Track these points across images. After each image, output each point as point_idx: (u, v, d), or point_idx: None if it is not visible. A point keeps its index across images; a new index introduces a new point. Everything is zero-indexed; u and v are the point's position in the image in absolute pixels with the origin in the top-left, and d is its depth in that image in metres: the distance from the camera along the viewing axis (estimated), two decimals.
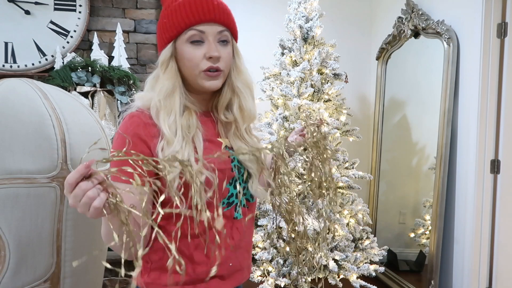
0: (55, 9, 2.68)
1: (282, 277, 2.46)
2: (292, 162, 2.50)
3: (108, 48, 2.81)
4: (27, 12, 2.63)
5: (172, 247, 0.74)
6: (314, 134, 1.16)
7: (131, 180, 0.75)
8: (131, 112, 1.03)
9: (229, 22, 1.08)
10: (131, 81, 2.68)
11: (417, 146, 2.91)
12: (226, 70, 1.05)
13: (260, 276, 2.53)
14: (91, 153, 1.75)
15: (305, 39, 2.61)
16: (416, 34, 2.72)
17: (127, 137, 0.96)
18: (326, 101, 2.63)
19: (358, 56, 3.35)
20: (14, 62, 2.65)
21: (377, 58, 3.10)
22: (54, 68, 2.61)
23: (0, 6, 2.60)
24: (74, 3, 2.70)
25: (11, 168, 1.56)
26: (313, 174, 1.18)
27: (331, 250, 2.49)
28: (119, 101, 2.70)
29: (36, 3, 2.64)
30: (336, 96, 2.66)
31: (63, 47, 2.70)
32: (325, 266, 2.44)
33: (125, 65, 2.72)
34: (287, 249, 2.59)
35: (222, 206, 1.01)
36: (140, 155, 0.77)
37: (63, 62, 2.62)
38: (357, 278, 2.47)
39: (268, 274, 2.49)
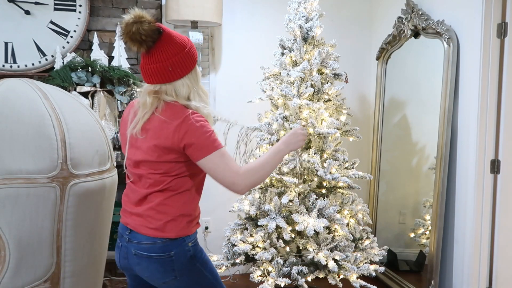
0: (55, 9, 2.68)
1: (282, 277, 2.45)
2: (291, 163, 2.50)
3: (108, 48, 2.81)
4: (27, 12, 2.63)
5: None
6: None
7: None
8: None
9: None
10: (131, 81, 2.68)
11: (417, 146, 2.91)
12: None
13: (260, 276, 2.53)
14: (90, 153, 1.75)
15: (305, 39, 2.61)
16: (416, 34, 2.72)
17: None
18: (326, 101, 2.63)
19: (358, 56, 3.35)
20: (14, 62, 2.65)
21: (377, 58, 3.10)
22: (54, 68, 2.61)
23: (0, 6, 2.59)
24: (74, 3, 2.70)
25: (11, 168, 1.56)
26: None
27: (331, 250, 2.49)
28: (119, 101, 2.70)
29: (36, 3, 2.64)
30: (336, 96, 2.66)
31: (63, 47, 2.70)
32: (325, 266, 2.44)
33: (125, 65, 2.72)
34: (287, 249, 2.60)
35: None
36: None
37: (63, 62, 2.62)
38: (357, 278, 2.47)
39: (268, 274, 2.49)
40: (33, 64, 2.68)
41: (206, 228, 3.21)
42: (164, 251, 1.38)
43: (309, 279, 2.50)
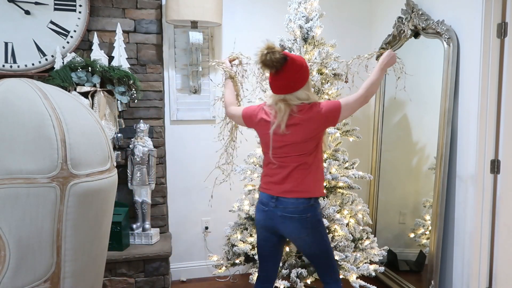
0: (55, 9, 2.68)
1: (281, 280, 2.45)
2: None
3: (108, 48, 2.81)
4: (27, 12, 2.63)
5: None
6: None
7: None
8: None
9: None
10: (131, 81, 2.68)
11: (417, 146, 2.91)
12: None
13: None
14: (90, 153, 1.75)
15: (305, 39, 2.61)
16: (416, 34, 2.72)
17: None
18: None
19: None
20: (14, 62, 2.65)
21: (377, 58, 3.10)
22: (54, 68, 2.61)
23: (0, 6, 2.60)
24: (74, 3, 2.70)
25: (11, 168, 1.56)
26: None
27: None
28: (119, 101, 2.70)
29: (36, 3, 2.64)
30: (336, 96, 2.67)
31: (63, 47, 2.70)
32: None
33: (125, 65, 2.71)
34: (287, 249, 2.59)
35: None
36: None
37: (63, 62, 2.62)
38: (357, 278, 2.47)
39: None
40: (33, 64, 2.68)
41: (206, 228, 3.22)
42: (303, 213, 1.89)
43: (308, 281, 2.50)
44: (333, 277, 2.02)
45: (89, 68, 2.58)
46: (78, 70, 2.56)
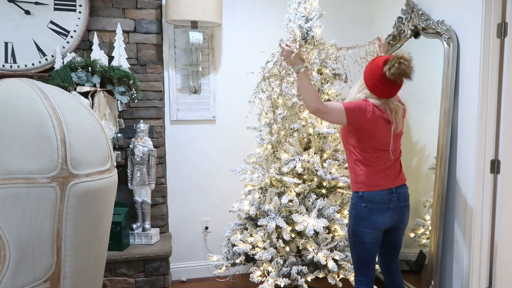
0: (55, 9, 2.68)
1: (282, 277, 2.45)
2: (291, 163, 2.50)
3: (108, 48, 2.81)
4: (27, 12, 2.63)
5: None
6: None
7: None
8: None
9: None
10: (131, 81, 2.68)
11: (417, 146, 2.91)
12: None
13: (260, 276, 2.53)
14: (90, 153, 1.75)
15: (305, 39, 2.61)
16: (416, 34, 2.72)
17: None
18: (326, 101, 2.63)
19: (357, 56, 3.35)
20: (14, 62, 2.65)
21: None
22: (54, 68, 2.61)
23: (0, 6, 2.60)
24: (74, 3, 2.70)
25: (11, 168, 1.56)
26: None
27: (331, 250, 2.49)
28: (119, 101, 2.70)
29: (36, 3, 2.64)
30: (336, 96, 2.67)
31: (63, 47, 2.70)
32: (325, 266, 2.44)
33: (125, 65, 2.71)
34: (287, 249, 2.59)
35: None
36: None
37: (63, 62, 2.62)
38: None
39: (268, 274, 2.49)
40: (33, 64, 2.68)
41: (206, 228, 3.22)
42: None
43: (308, 279, 2.50)
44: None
45: (89, 68, 2.58)
46: (78, 70, 2.56)
